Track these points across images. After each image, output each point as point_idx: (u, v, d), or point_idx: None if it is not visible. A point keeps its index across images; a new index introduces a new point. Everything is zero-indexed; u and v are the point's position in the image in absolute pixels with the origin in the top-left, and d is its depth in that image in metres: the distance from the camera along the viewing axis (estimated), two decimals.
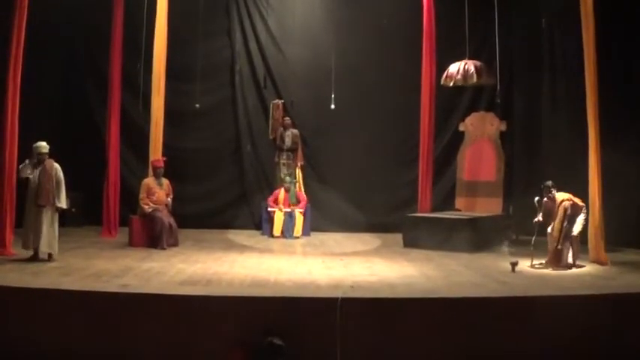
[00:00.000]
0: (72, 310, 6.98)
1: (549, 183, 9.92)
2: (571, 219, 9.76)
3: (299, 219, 13.17)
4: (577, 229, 9.79)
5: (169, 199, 11.67)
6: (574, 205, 9.78)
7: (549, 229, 9.94)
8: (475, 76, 11.85)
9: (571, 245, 9.74)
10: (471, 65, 11.94)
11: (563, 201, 9.75)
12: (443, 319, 7.02)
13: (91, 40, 13.92)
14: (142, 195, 11.55)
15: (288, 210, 13.17)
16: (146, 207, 11.42)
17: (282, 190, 13.42)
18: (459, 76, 12.01)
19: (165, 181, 11.75)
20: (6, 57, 9.88)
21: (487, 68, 12.02)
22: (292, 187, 13.47)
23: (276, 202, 13.31)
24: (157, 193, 11.58)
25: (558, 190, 9.90)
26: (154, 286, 7.81)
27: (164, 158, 11.82)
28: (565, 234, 9.67)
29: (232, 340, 6.73)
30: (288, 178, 13.49)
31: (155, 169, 11.71)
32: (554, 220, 9.81)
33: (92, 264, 9.24)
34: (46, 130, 11.33)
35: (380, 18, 14.02)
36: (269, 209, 13.30)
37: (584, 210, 9.86)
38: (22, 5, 9.89)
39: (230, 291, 7.61)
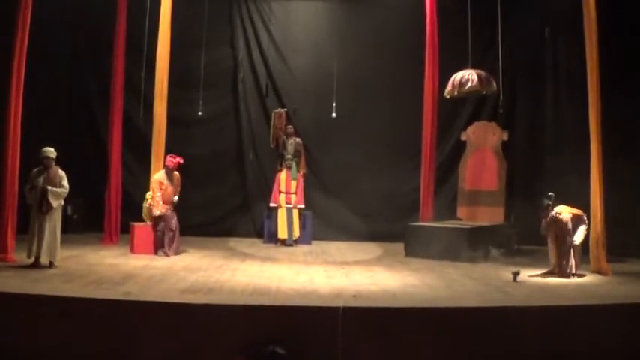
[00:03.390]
0: (73, 317, 6.95)
1: (546, 203, 9.86)
2: (574, 231, 9.76)
3: (295, 217, 13.27)
4: (579, 238, 9.77)
5: (175, 197, 11.49)
6: (575, 217, 9.77)
7: (549, 242, 9.93)
8: (458, 85, 11.77)
9: (573, 255, 9.73)
10: (458, 75, 11.89)
11: (558, 215, 9.72)
12: (445, 329, 6.98)
13: (94, 46, 13.93)
14: (157, 193, 11.26)
15: (290, 206, 13.27)
16: (158, 207, 11.23)
17: (284, 171, 13.53)
18: (449, 87, 12.00)
19: (175, 175, 11.55)
20: (9, 63, 9.90)
21: (484, 76, 11.85)
22: (293, 165, 13.58)
23: (278, 189, 13.41)
24: (167, 188, 11.38)
25: (556, 204, 9.87)
26: (156, 293, 7.80)
27: (179, 160, 11.58)
28: (569, 246, 9.67)
29: (234, 349, 6.71)
30: (289, 156, 13.60)
31: (166, 167, 11.49)
32: (555, 234, 9.80)
33: (93, 271, 9.24)
34: (48, 136, 11.28)
35: (383, 27, 14.08)
36: (271, 205, 13.40)
37: (585, 219, 9.86)
38: (25, 11, 9.93)
39: (231, 299, 7.60)
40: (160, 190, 11.32)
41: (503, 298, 8.09)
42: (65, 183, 9.53)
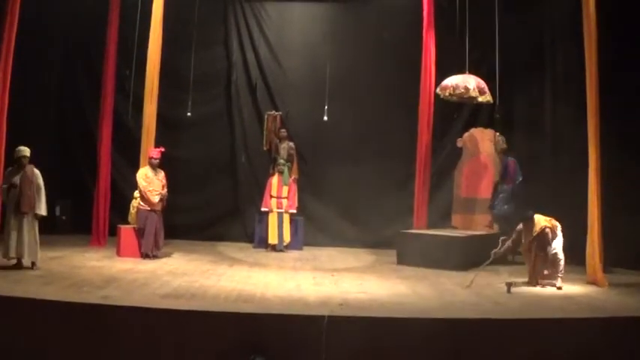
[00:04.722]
0: (50, 320, 6.76)
1: (530, 213, 9.70)
2: (552, 241, 9.64)
3: (286, 221, 13.07)
4: (559, 248, 9.63)
5: (164, 191, 11.26)
6: (553, 229, 9.67)
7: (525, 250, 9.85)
8: (451, 88, 11.62)
9: (554, 264, 9.60)
10: (455, 79, 11.70)
11: (545, 227, 9.58)
12: (434, 341, 6.76)
13: (85, 46, 13.81)
14: (144, 184, 11.07)
15: (281, 210, 13.07)
16: (152, 196, 11.05)
17: (276, 175, 13.34)
18: (446, 92, 11.85)
19: (160, 172, 11.37)
20: None
21: (478, 84, 11.66)
22: (285, 169, 13.39)
23: (270, 194, 13.22)
24: (153, 182, 11.20)
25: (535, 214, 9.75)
26: (135, 298, 7.58)
27: (161, 149, 11.43)
28: (552, 258, 9.55)
29: (214, 358, 6.49)
30: (282, 161, 13.41)
31: (150, 159, 11.32)
32: (531, 245, 9.68)
33: (76, 273, 9.07)
34: (37, 137, 11.22)
35: (378, 31, 13.93)
36: (262, 209, 13.21)
37: (558, 229, 9.72)
38: (13, 9, 9.79)
39: (214, 306, 7.36)
40: (145, 181, 11.11)
41: (496, 310, 7.87)
42: (41, 182, 9.45)
